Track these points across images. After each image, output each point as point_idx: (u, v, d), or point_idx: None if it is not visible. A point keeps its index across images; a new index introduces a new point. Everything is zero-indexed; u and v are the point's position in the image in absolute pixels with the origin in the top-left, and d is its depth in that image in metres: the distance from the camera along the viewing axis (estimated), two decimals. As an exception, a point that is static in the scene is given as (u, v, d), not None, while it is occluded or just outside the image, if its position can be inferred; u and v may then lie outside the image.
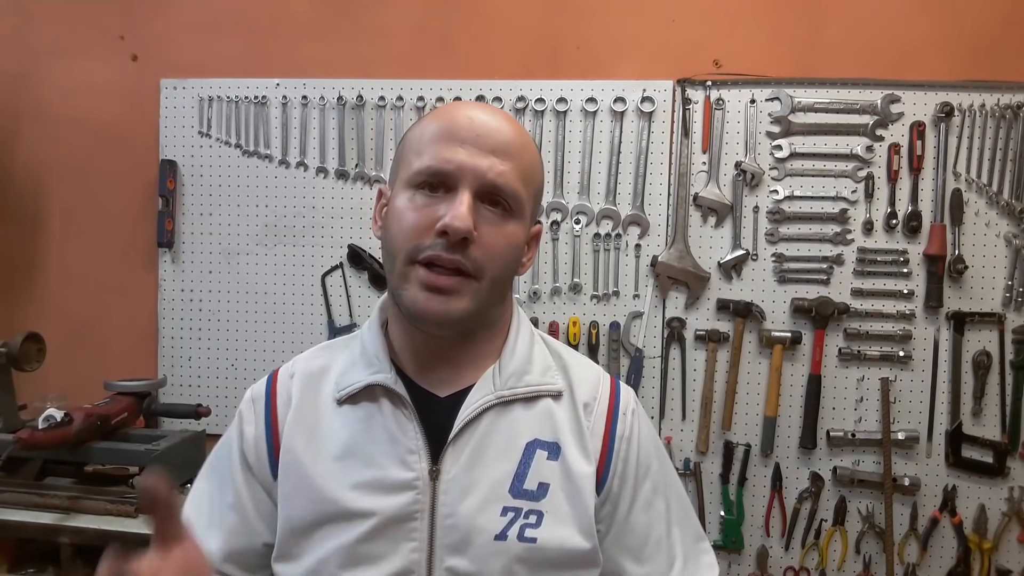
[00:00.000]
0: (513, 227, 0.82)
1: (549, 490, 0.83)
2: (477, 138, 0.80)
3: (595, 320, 2.03)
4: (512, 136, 0.82)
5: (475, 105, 0.87)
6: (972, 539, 1.95)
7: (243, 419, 0.91)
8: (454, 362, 0.87)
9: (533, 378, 0.87)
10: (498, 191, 0.80)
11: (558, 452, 0.85)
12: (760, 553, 2.01)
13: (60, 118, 2.20)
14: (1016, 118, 1.92)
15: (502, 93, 2.04)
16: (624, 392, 0.92)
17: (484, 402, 0.84)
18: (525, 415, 0.86)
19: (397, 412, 0.85)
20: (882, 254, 1.96)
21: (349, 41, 2.11)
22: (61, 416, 1.67)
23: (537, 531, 0.81)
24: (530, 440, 0.84)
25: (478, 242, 0.79)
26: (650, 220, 2.02)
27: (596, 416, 0.88)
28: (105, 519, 1.65)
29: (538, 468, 0.83)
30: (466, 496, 0.81)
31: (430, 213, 0.79)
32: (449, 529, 0.81)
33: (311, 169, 2.11)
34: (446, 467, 0.82)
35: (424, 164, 0.80)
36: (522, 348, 0.89)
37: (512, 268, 0.85)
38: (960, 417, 1.95)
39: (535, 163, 0.87)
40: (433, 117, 0.84)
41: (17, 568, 1.74)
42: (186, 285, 2.16)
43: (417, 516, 0.81)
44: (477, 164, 0.79)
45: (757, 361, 2.01)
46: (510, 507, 0.81)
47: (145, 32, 2.17)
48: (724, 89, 1.99)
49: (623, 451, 0.88)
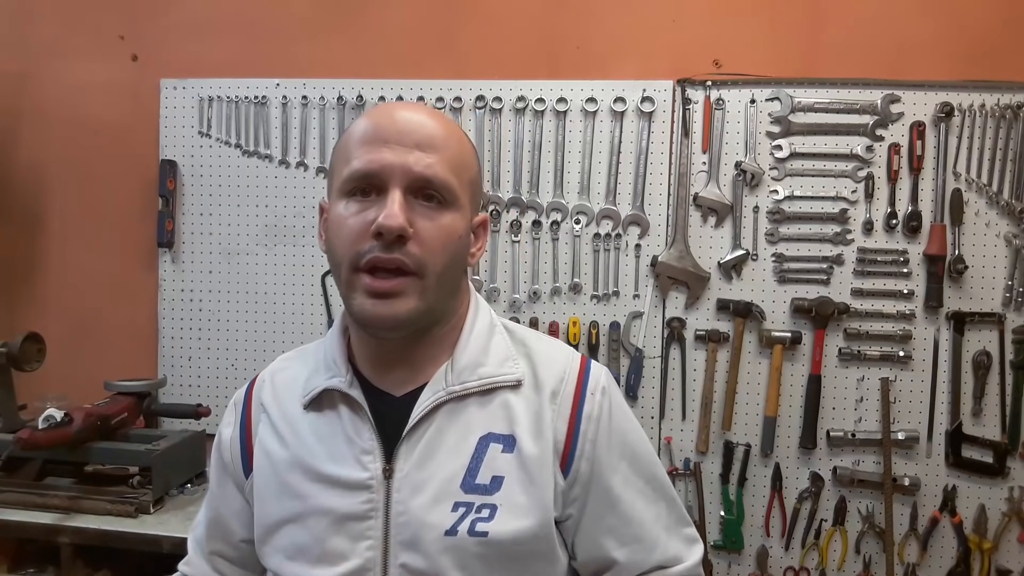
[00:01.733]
0: (450, 218, 0.82)
1: (503, 483, 0.83)
2: (400, 135, 0.80)
3: (595, 320, 2.03)
4: (435, 129, 0.82)
5: (397, 105, 0.90)
6: (972, 539, 1.95)
7: (224, 421, 0.99)
8: (409, 362, 0.87)
9: (488, 370, 0.87)
10: (428, 183, 0.80)
11: (513, 444, 0.84)
12: (760, 553, 2.01)
13: (60, 118, 2.20)
14: (1016, 118, 1.92)
15: (502, 93, 2.04)
16: (594, 372, 0.91)
17: (435, 399, 0.84)
18: (479, 409, 0.86)
19: (353, 415, 0.86)
20: (882, 254, 1.96)
21: (349, 41, 2.11)
22: (61, 416, 1.67)
23: (489, 524, 0.81)
24: (483, 434, 0.85)
25: (416, 238, 0.79)
26: (650, 220, 2.02)
27: (563, 398, 0.87)
28: (105, 519, 1.65)
29: (491, 461, 0.83)
30: (417, 493, 0.82)
31: (364, 217, 0.79)
32: (402, 526, 0.82)
33: (311, 169, 2.11)
34: (399, 465, 0.84)
35: (352, 169, 0.81)
36: (477, 341, 0.89)
37: (458, 260, 0.85)
38: (960, 417, 1.95)
39: (465, 152, 0.86)
40: (358, 123, 0.85)
41: (17, 568, 1.74)
42: (186, 285, 2.16)
43: (372, 515, 0.83)
44: (403, 160, 0.79)
45: (757, 361, 2.01)
46: (461, 502, 0.82)
47: (145, 32, 2.17)
48: (724, 89, 1.99)
49: (591, 431, 0.87)
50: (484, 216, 0.92)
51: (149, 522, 1.66)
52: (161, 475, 1.72)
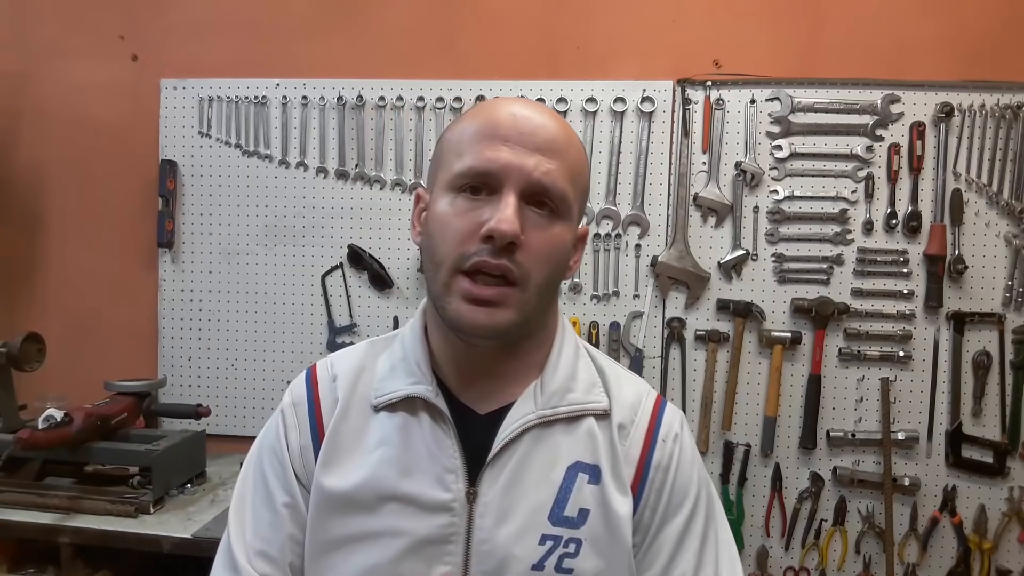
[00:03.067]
0: (560, 229, 0.78)
1: (589, 516, 0.79)
2: (521, 136, 0.76)
3: (595, 320, 2.03)
4: (558, 133, 0.78)
5: (517, 101, 0.82)
6: (972, 539, 1.95)
7: (287, 425, 0.87)
8: (497, 376, 0.83)
9: (577, 396, 0.83)
10: (545, 191, 0.76)
11: (599, 476, 0.80)
12: (760, 553, 2.01)
13: (60, 118, 2.20)
14: (1016, 118, 1.92)
15: (502, 93, 2.04)
16: (668, 416, 0.86)
17: (524, 422, 0.80)
18: (567, 436, 0.81)
19: (436, 427, 0.81)
20: (882, 254, 1.96)
21: (349, 41, 2.11)
22: (61, 416, 1.66)
23: (575, 561, 0.77)
24: (571, 463, 0.80)
25: (525, 246, 0.75)
26: (650, 220, 2.02)
27: (633, 440, 0.83)
28: (105, 519, 1.65)
29: (579, 493, 0.79)
30: (503, 521, 0.78)
31: (474, 217, 0.75)
32: (485, 555, 0.77)
33: (311, 169, 2.11)
34: (483, 489, 0.79)
35: (466, 165, 0.76)
36: (566, 363, 0.85)
37: (559, 273, 0.81)
38: (960, 417, 1.95)
39: (581, 161, 0.82)
40: (473, 115, 0.80)
41: (17, 568, 1.74)
42: (186, 285, 2.16)
43: (453, 539, 0.78)
44: (523, 163, 0.75)
45: (757, 361, 2.01)
46: (549, 535, 0.78)
47: (145, 32, 2.17)
48: (724, 89, 1.99)
49: (658, 480, 0.82)
50: (586, 228, 0.88)
51: (149, 522, 1.65)
52: (161, 475, 1.72)
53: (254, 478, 0.88)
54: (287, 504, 0.84)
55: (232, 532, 0.85)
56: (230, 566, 0.83)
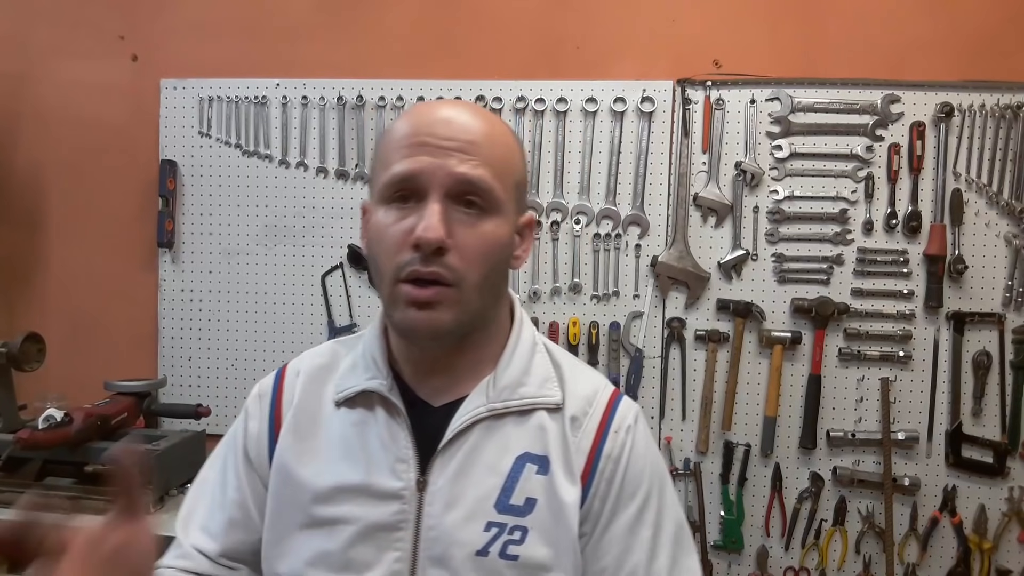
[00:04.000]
0: (493, 225, 0.79)
1: (536, 505, 0.81)
2: (439, 139, 0.77)
3: (595, 320, 2.03)
4: (478, 129, 0.79)
5: (439, 104, 0.84)
6: (972, 539, 1.95)
7: (248, 414, 0.92)
8: (450, 371, 0.85)
9: (529, 390, 0.85)
10: (470, 189, 0.77)
11: (548, 466, 0.82)
12: (760, 553, 2.01)
13: (60, 118, 2.20)
14: (1016, 118, 1.92)
15: (502, 93, 2.04)
16: (622, 408, 0.88)
17: (475, 414, 0.82)
18: (517, 428, 0.84)
19: (391, 420, 0.84)
20: (882, 254, 1.96)
21: (349, 41, 2.11)
22: (61, 416, 1.67)
23: (520, 548, 0.79)
24: (520, 454, 0.82)
25: (455, 248, 0.76)
26: (650, 220, 2.02)
27: (585, 431, 0.85)
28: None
29: (526, 483, 0.81)
30: (451, 509, 0.80)
31: (404, 227, 0.77)
32: (432, 541, 0.80)
33: (311, 169, 2.11)
34: (433, 478, 0.81)
35: (390, 174, 0.78)
36: (520, 358, 0.87)
37: (499, 267, 0.82)
38: (960, 417, 1.95)
39: (510, 152, 0.82)
40: (397, 123, 0.82)
41: (17, 568, 1.74)
42: (186, 285, 2.16)
43: (402, 526, 0.81)
44: (442, 164, 0.76)
45: (757, 361, 2.01)
46: (494, 522, 0.80)
47: (145, 32, 2.17)
48: (724, 89, 1.99)
49: (608, 470, 0.84)
50: (530, 216, 0.88)
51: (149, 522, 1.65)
52: (161, 475, 1.72)
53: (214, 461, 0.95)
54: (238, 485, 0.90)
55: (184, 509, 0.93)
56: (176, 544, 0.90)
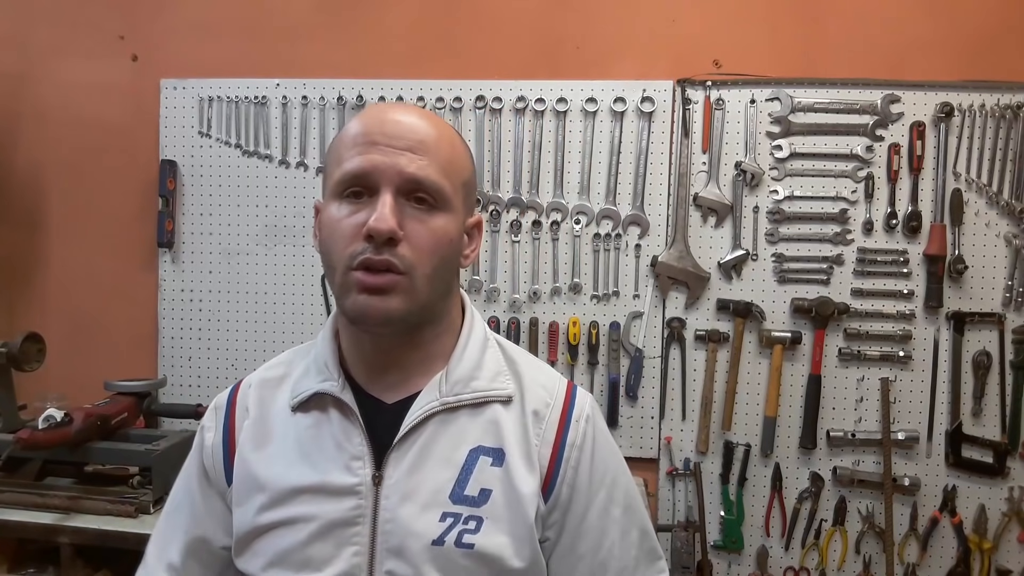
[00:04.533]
0: (442, 220, 0.82)
1: (491, 496, 0.83)
2: (390, 138, 0.81)
3: (595, 320, 2.03)
4: (427, 131, 0.83)
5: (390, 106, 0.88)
6: (972, 539, 1.95)
7: (205, 428, 0.95)
8: (402, 367, 0.88)
9: (481, 384, 0.87)
10: (419, 186, 0.80)
11: (502, 458, 0.85)
12: (760, 553, 2.01)
13: (60, 118, 2.20)
14: (1016, 118, 1.92)
15: (502, 93, 2.04)
16: (580, 398, 0.92)
17: (428, 409, 0.85)
18: (471, 421, 0.86)
19: (344, 420, 0.86)
20: (882, 254, 1.96)
21: (349, 41, 2.11)
22: (61, 416, 1.66)
23: (475, 537, 0.82)
24: (474, 447, 0.85)
25: (406, 240, 0.79)
26: (650, 220, 2.02)
27: (548, 424, 0.88)
28: (105, 519, 1.65)
29: (480, 474, 0.84)
30: (406, 501, 0.82)
31: (357, 219, 0.80)
32: (388, 534, 0.82)
33: (311, 169, 2.11)
34: (388, 472, 0.83)
35: (343, 171, 0.81)
36: (471, 353, 0.89)
37: (450, 261, 0.85)
38: (960, 417, 1.95)
39: (457, 154, 0.86)
40: (348, 125, 0.86)
41: (17, 568, 1.74)
42: (186, 285, 2.16)
43: (359, 521, 0.83)
44: (394, 162, 0.80)
45: (757, 361, 2.01)
46: (449, 512, 0.82)
47: (145, 32, 2.17)
48: (724, 89, 1.99)
49: (574, 458, 0.87)
50: (478, 217, 0.92)
51: (149, 522, 1.65)
52: (161, 475, 1.72)
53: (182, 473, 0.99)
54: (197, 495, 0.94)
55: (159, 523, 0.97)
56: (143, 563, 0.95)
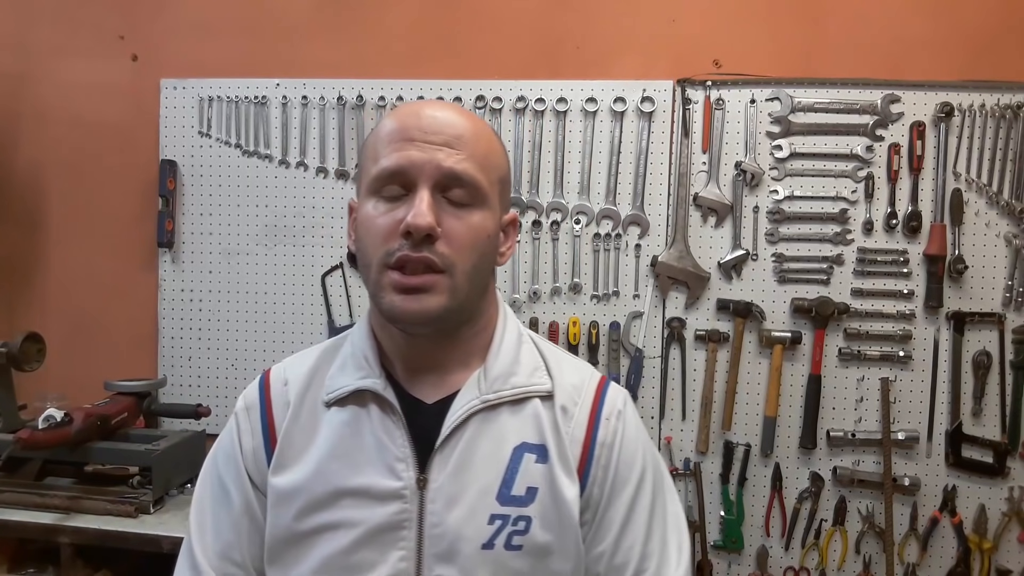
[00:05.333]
0: (479, 217, 0.81)
1: (537, 494, 0.82)
2: (427, 134, 0.80)
3: (595, 320, 2.03)
4: (463, 127, 0.82)
5: (425, 103, 0.86)
6: (972, 539, 1.95)
7: (240, 429, 0.90)
8: (441, 365, 0.86)
9: (520, 379, 0.86)
10: (457, 181, 0.79)
11: (546, 454, 0.83)
12: (760, 553, 2.01)
13: (60, 118, 2.20)
14: (1016, 118, 1.92)
15: (502, 93, 2.04)
16: (611, 395, 0.90)
17: (469, 407, 0.83)
18: (512, 418, 0.85)
19: (385, 418, 0.84)
20: (882, 254, 1.96)
21: (349, 41, 2.11)
22: (61, 416, 1.67)
23: (525, 537, 0.81)
24: (517, 444, 0.83)
25: (444, 236, 0.78)
26: (650, 220, 2.02)
27: (577, 421, 0.86)
28: (105, 519, 1.65)
29: (526, 472, 0.82)
30: (453, 505, 0.81)
31: (394, 216, 0.79)
32: (436, 539, 0.80)
33: (311, 169, 2.11)
34: (433, 475, 0.82)
35: (379, 167, 0.80)
36: (508, 348, 0.88)
37: (487, 259, 0.84)
38: (960, 417, 1.95)
39: (493, 151, 0.85)
40: (384, 121, 0.85)
41: (17, 568, 1.74)
42: (186, 285, 2.16)
43: (405, 525, 0.81)
44: (431, 158, 0.79)
45: (757, 361, 2.00)
46: (497, 514, 0.81)
47: (145, 32, 2.17)
48: (724, 89, 1.99)
49: (603, 457, 0.86)
50: (513, 214, 0.91)
51: (149, 522, 1.65)
52: (161, 475, 1.72)
53: (211, 482, 0.91)
54: (243, 505, 0.88)
55: (193, 535, 0.89)
56: (191, 567, 0.87)
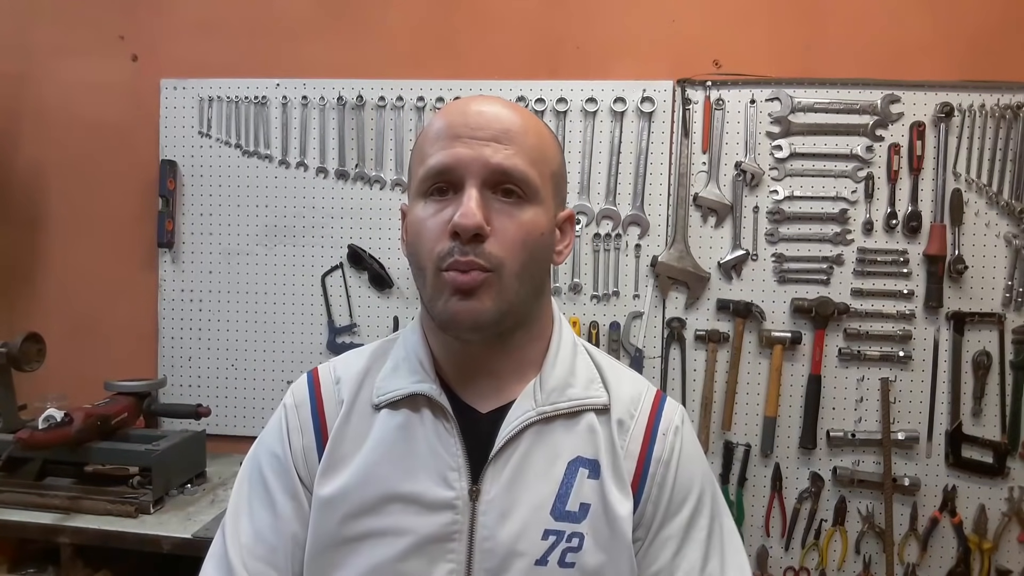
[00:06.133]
0: (531, 213, 0.78)
1: (590, 511, 0.80)
2: (473, 130, 0.77)
3: (595, 320, 2.03)
4: (511, 120, 0.79)
5: (472, 99, 0.83)
6: (972, 539, 1.95)
7: (290, 427, 0.87)
8: (495, 374, 0.84)
9: (576, 391, 0.84)
10: (506, 176, 0.77)
11: (598, 470, 0.81)
12: (760, 553, 2.01)
13: (60, 118, 2.20)
14: (1016, 118, 1.92)
15: (502, 93, 2.03)
16: (668, 409, 0.87)
17: (525, 419, 0.81)
18: (567, 432, 0.82)
19: (439, 425, 0.82)
20: (882, 254, 1.96)
21: (349, 41, 2.11)
22: (61, 416, 1.66)
23: (578, 555, 0.78)
24: (572, 459, 0.81)
25: (493, 235, 0.75)
26: (650, 220, 2.02)
27: (632, 435, 0.84)
28: (105, 519, 1.65)
29: (580, 488, 0.80)
30: (506, 519, 0.79)
31: (442, 217, 0.76)
32: (487, 553, 0.78)
33: (311, 169, 2.11)
34: (486, 487, 0.79)
35: (426, 168, 0.78)
36: (564, 358, 0.85)
37: (542, 257, 0.81)
38: (960, 417, 1.95)
39: (545, 144, 0.82)
40: (433, 121, 0.82)
41: (17, 568, 1.74)
42: (186, 285, 2.16)
43: (456, 537, 0.79)
44: (478, 154, 0.76)
45: (757, 361, 2.00)
46: (552, 530, 0.78)
47: (145, 32, 2.17)
48: (724, 89, 1.99)
49: (659, 475, 0.83)
50: (569, 211, 0.87)
51: (149, 522, 1.65)
52: (161, 475, 1.72)
53: (252, 480, 0.87)
54: (290, 506, 0.84)
55: (228, 534, 0.85)
56: (224, 569, 0.83)
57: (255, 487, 0.87)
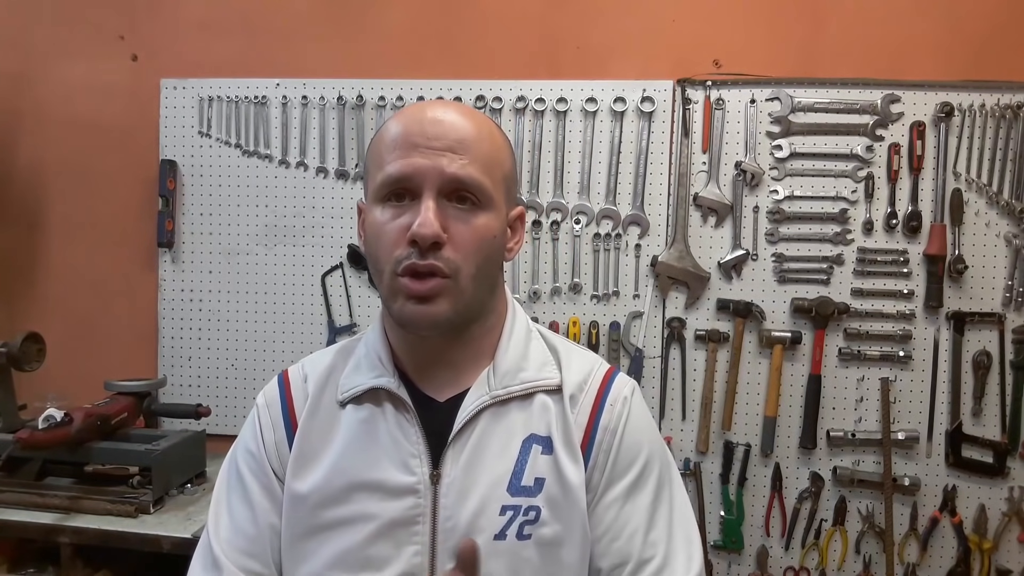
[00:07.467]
0: (485, 219, 0.82)
1: (545, 484, 0.83)
2: (429, 139, 0.80)
3: (595, 320, 2.03)
4: (466, 129, 0.82)
5: (428, 105, 0.86)
6: (972, 539, 1.95)
7: (262, 425, 0.92)
8: (452, 364, 0.88)
9: (529, 374, 0.88)
10: (461, 186, 0.80)
11: (551, 446, 0.85)
12: (760, 553, 2.01)
13: (60, 118, 2.20)
14: (1016, 118, 1.92)
15: (502, 93, 2.04)
16: (618, 383, 0.91)
17: (479, 403, 0.85)
18: (521, 412, 0.86)
19: (399, 416, 0.86)
20: (882, 254, 1.96)
21: (349, 41, 2.11)
22: (61, 416, 1.66)
23: (534, 527, 0.82)
24: (526, 436, 0.85)
25: (450, 242, 0.79)
26: (650, 220, 2.02)
27: (582, 407, 0.88)
28: (105, 519, 1.65)
29: (534, 463, 0.84)
30: (465, 498, 0.82)
31: (401, 224, 0.80)
32: (449, 532, 0.81)
33: (311, 169, 2.11)
34: (446, 471, 0.83)
35: (385, 174, 0.81)
36: (517, 344, 0.89)
37: (494, 258, 0.85)
38: (960, 417, 1.95)
39: (497, 149, 0.86)
40: (388, 125, 0.85)
41: (17, 568, 1.74)
42: (186, 285, 2.16)
43: (419, 520, 0.82)
44: (435, 164, 0.79)
45: (757, 361, 2.01)
46: (508, 506, 0.82)
47: (145, 32, 2.17)
48: (724, 89, 1.99)
49: (606, 442, 0.86)
50: (520, 209, 0.91)
51: (149, 522, 1.65)
52: (161, 475, 1.72)
53: (230, 478, 0.92)
54: (265, 499, 0.88)
55: (210, 531, 0.89)
56: (210, 564, 0.87)
57: (233, 484, 0.92)
